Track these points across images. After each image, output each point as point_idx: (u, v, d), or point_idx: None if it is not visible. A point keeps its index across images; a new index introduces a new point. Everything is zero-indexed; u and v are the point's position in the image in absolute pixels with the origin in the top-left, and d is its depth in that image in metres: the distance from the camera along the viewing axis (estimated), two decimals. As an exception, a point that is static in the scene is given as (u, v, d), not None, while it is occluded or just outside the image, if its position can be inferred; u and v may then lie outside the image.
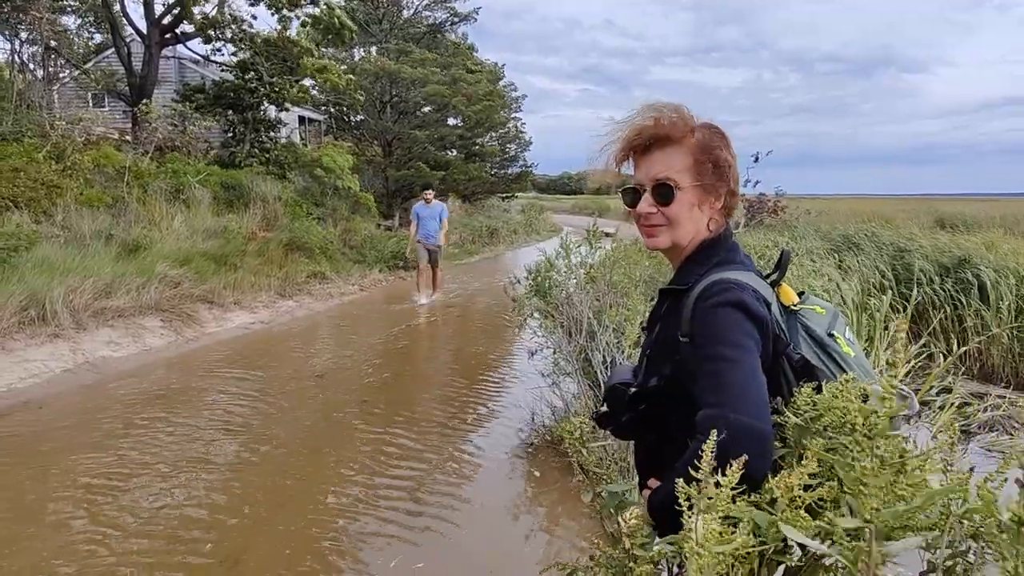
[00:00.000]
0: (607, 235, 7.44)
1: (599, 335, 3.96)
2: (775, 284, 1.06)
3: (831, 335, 0.98)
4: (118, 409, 4.80)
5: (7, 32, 11.28)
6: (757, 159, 8.52)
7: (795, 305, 1.02)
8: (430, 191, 9.68)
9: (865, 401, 0.87)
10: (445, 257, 17.28)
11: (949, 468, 0.87)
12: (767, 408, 0.90)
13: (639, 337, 3.15)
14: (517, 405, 4.95)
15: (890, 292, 5.64)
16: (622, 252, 5.16)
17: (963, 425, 4.15)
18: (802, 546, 0.84)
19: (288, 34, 12.21)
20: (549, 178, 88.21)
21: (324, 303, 9.63)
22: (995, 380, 5.26)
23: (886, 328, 4.66)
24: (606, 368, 3.71)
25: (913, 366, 4.74)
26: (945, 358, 4.62)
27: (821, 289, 4.71)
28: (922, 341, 4.74)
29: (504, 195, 24.21)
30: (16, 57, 12.34)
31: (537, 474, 3.80)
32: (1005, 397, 4.84)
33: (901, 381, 0.91)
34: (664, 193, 1.05)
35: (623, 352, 3.51)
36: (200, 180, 10.66)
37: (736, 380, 0.91)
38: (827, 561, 0.85)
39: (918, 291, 5.69)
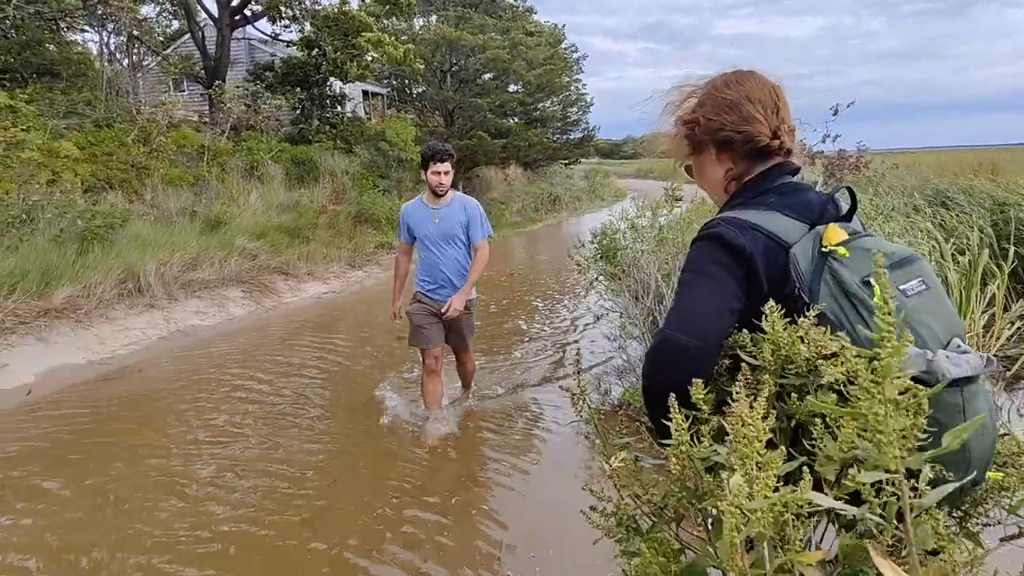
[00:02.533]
0: (679, 200, 7.16)
1: (668, 297, 3.86)
2: (823, 223, 0.99)
3: (867, 282, 0.88)
4: (211, 372, 5.15)
5: (95, 24, 12.01)
6: (836, 112, 7.94)
7: (832, 246, 0.94)
8: (443, 163, 3.64)
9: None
10: (507, 226, 16.49)
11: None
12: (700, 324, 0.96)
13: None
14: (587, 369, 4.94)
15: (987, 250, 5.17)
16: (696, 213, 4.97)
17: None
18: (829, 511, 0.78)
19: (347, 8, 12.35)
20: (612, 142, 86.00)
21: (391, 272, 9.88)
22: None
23: (984, 285, 4.31)
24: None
25: (1019, 328, 4.36)
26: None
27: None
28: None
29: (567, 161, 23.87)
30: (104, 48, 13.14)
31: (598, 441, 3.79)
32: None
33: (1004, 344, 0.83)
34: (688, 171, 1.22)
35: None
36: (273, 157, 11.08)
37: (681, 301, 1.00)
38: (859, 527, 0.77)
39: (1012, 250, 5.20)
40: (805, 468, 0.73)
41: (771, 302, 0.88)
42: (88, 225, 6.50)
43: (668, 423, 0.86)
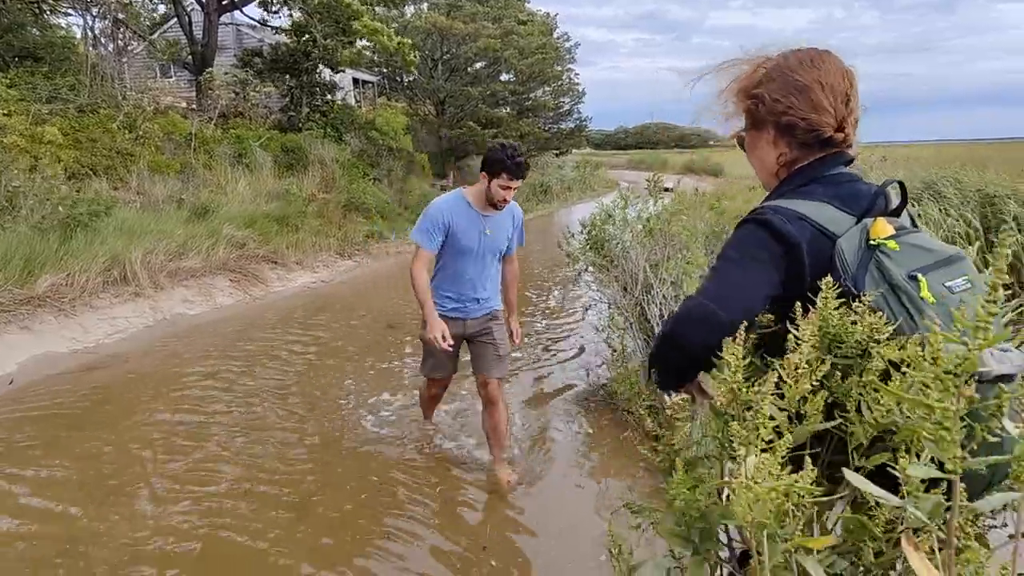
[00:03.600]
0: (666, 190, 7.19)
1: (656, 288, 3.86)
2: (871, 216, 0.98)
3: (913, 277, 0.89)
4: (198, 362, 5.10)
5: (78, 7, 11.77)
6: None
7: (881, 240, 0.93)
8: (520, 179, 2.83)
9: (921, 348, 0.81)
10: None
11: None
12: (735, 301, 0.97)
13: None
14: (572, 359, 4.95)
15: (978, 243, 5.21)
16: (683, 204, 4.97)
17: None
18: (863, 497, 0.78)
19: (340, -6, 12.17)
20: (604, 133, 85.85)
21: (382, 262, 9.84)
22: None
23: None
24: (662, 322, 3.63)
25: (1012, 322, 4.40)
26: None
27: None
28: (1019, 299, 4.38)
29: (558, 151, 23.79)
30: (88, 32, 12.89)
31: (590, 431, 3.80)
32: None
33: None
34: (739, 143, 1.18)
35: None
36: (262, 144, 10.96)
37: (720, 275, 1.01)
38: (905, 523, 0.77)
39: (1010, 237, 5.22)
40: (808, 458, 0.73)
41: (828, 279, 0.88)
42: (71, 212, 6.39)
43: (674, 372, 1.02)
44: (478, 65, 18.76)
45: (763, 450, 0.64)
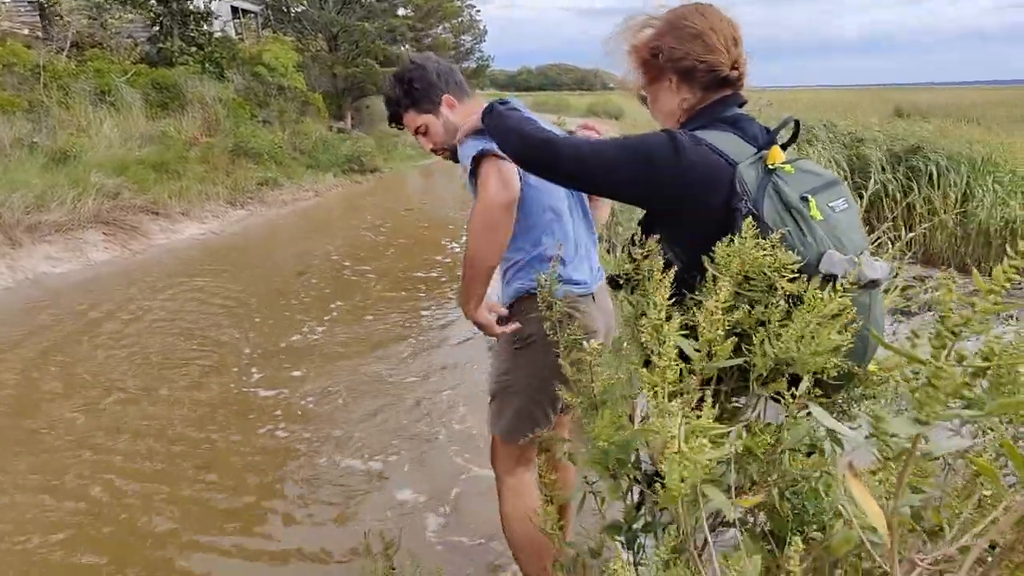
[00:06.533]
0: (570, 133, 7.24)
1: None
2: (768, 147, 1.09)
3: (804, 199, 1.01)
4: (70, 327, 4.63)
5: None
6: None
7: (778, 164, 1.04)
8: None
9: (818, 264, 0.95)
10: (402, 159, 15.89)
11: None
12: (587, 166, 1.09)
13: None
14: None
15: (846, 183, 5.72)
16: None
17: (904, 306, 4.38)
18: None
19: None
20: (508, 74, 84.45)
21: (277, 210, 9.29)
22: (937, 264, 5.52)
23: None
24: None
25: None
26: (893, 245, 4.78)
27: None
28: (880, 230, 4.88)
29: (461, 93, 23.15)
30: None
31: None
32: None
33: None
34: (643, 100, 1.27)
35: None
36: (128, 80, 9.78)
37: (599, 144, 1.10)
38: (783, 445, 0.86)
39: (874, 179, 5.79)
40: (708, 395, 0.78)
41: (749, 219, 0.95)
42: None
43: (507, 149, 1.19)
44: (372, -3, 17.58)
45: (672, 393, 0.68)
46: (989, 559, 0.65)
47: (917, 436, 0.55)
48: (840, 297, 0.83)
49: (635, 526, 0.95)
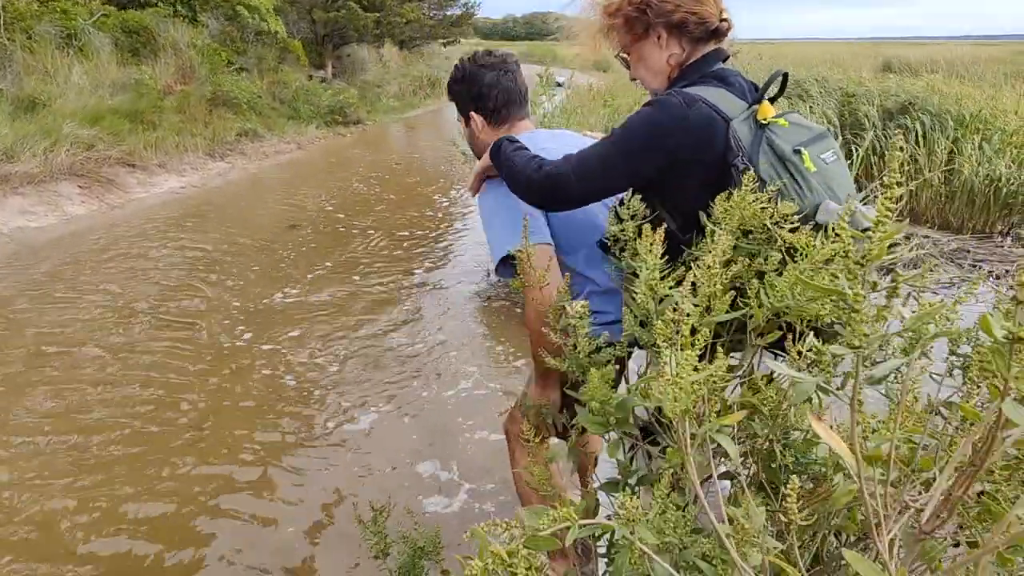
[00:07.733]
0: (558, 85, 7.09)
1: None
2: (759, 102, 1.10)
3: (797, 151, 1.02)
4: (47, 283, 4.55)
5: None
6: None
7: (770, 119, 1.05)
8: None
9: (815, 215, 0.95)
10: (385, 112, 15.45)
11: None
12: (592, 181, 1.12)
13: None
14: (470, 259, 4.99)
15: (838, 140, 5.70)
16: (577, 100, 4.92)
17: (889, 263, 4.46)
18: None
19: None
20: (492, 22, 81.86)
21: (259, 162, 9.07)
22: (922, 222, 5.58)
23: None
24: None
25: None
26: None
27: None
28: (868, 188, 4.90)
29: (445, 41, 22.43)
30: None
31: (490, 329, 3.91)
32: (928, 237, 5.18)
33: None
34: (625, 63, 1.27)
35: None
36: (95, 23, 9.31)
37: (597, 151, 1.13)
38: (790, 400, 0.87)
39: (871, 135, 5.78)
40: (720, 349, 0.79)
41: (751, 173, 0.97)
42: None
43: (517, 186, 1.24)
44: (352, -64, 16.70)
45: (683, 347, 0.68)
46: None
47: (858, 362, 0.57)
48: (833, 243, 0.84)
49: (630, 481, 0.97)
